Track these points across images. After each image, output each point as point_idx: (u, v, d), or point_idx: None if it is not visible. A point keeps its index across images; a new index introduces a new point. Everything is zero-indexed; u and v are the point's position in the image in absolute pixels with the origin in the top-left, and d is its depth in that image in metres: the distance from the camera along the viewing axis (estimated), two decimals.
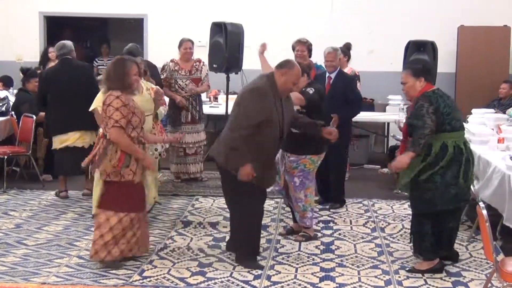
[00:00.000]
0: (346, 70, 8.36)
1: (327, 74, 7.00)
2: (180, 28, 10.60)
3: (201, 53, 8.57)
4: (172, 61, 7.81)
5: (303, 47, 7.18)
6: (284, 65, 5.13)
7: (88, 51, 13.40)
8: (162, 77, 7.68)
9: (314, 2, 10.82)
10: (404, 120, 5.81)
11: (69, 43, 7.36)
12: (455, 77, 10.37)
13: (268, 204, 6.56)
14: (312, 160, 5.78)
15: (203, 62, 7.99)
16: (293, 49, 7.32)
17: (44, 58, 10.20)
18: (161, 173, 7.96)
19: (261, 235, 5.98)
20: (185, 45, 7.78)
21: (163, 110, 6.52)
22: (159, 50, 10.70)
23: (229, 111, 9.41)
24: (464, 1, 10.52)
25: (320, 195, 7.06)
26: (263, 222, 6.27)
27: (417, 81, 5.07)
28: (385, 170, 8.50)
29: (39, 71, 8.61)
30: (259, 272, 5.02)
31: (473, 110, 8.05)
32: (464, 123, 7.73)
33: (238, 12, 10.40)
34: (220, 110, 9.45)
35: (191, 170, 7.93)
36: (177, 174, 7.97)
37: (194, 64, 7.84)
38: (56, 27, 11.88)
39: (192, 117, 7.82)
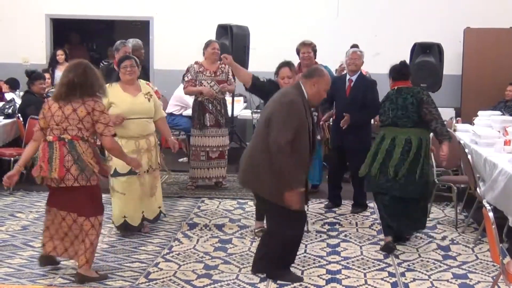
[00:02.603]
0: None
1: (348, 77, 6.79)
2: (186, 30, 10.65)
3: None
4: (196, 63, 7.61)
5: (308, 48, 7.13)
6: (314, 73, 4.86)
7: (94, 53, 13.48)
8: (186, 79, 7.56)
9: (321, 4, 10.82)
10: None
11: (116, 43, 7.44)
12: (461, 79, 10.35)
13: None
14: None
15: None
16: (298, 52, 7.24)
17: (53, 60, 10.26)
18: (166, 175, 7.92)
19: None
20: (213, 46, 7.56)
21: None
22: (166, 52, 10.76)
23: (235, 113, 9.56)
24: (471, 3, 10.51)
25: (330, 201, 7.03)
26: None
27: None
28: None
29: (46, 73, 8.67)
30: (265, 274, 5.01)
31: (479, 112, 8.05)
32: (470, 125, 7.79)
33: (244, 15, 10.40)
34: None
35: (212, 174, 7.71)
36: (196, 179, 7.76)
37: (220, 66, 7.62)
38: (63, 29, 11.93)
39: (216, 120, 7.58)
